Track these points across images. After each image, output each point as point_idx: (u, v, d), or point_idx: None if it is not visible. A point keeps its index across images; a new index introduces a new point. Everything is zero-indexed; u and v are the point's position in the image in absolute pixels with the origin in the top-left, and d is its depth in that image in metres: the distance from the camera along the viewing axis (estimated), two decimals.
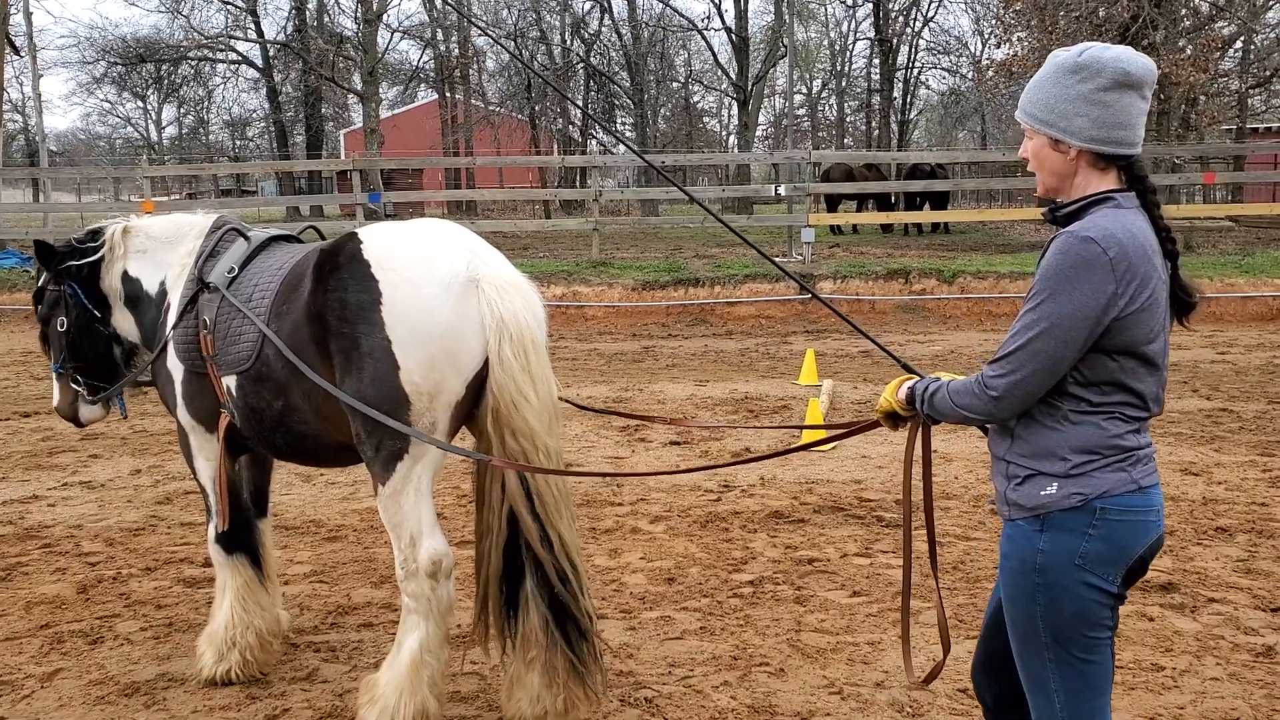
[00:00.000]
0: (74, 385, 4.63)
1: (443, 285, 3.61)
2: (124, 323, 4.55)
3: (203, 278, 4.15)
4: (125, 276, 4.46)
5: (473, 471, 3.96)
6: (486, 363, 3.64)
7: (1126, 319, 2.40)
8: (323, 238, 4.38)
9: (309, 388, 3.80)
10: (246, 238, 4.28)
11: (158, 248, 4.43)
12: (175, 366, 4.22)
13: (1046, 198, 2.64)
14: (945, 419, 2.65)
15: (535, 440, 3.65)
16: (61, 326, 4.51)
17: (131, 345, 4.64)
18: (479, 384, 3.68)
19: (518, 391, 3.61)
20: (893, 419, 2.87)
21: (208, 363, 4.07)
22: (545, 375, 3.71)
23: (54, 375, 4.69)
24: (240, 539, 4.38)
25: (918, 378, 2.79)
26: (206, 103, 55.24)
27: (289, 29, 40.94)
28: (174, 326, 4.18)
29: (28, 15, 26.11)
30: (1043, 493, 2.49)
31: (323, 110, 46.44)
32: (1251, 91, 28.88)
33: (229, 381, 4.01)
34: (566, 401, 4.09)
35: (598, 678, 3.78)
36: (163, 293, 4.38)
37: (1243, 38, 25.75)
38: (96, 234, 4.53)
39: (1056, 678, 2.54)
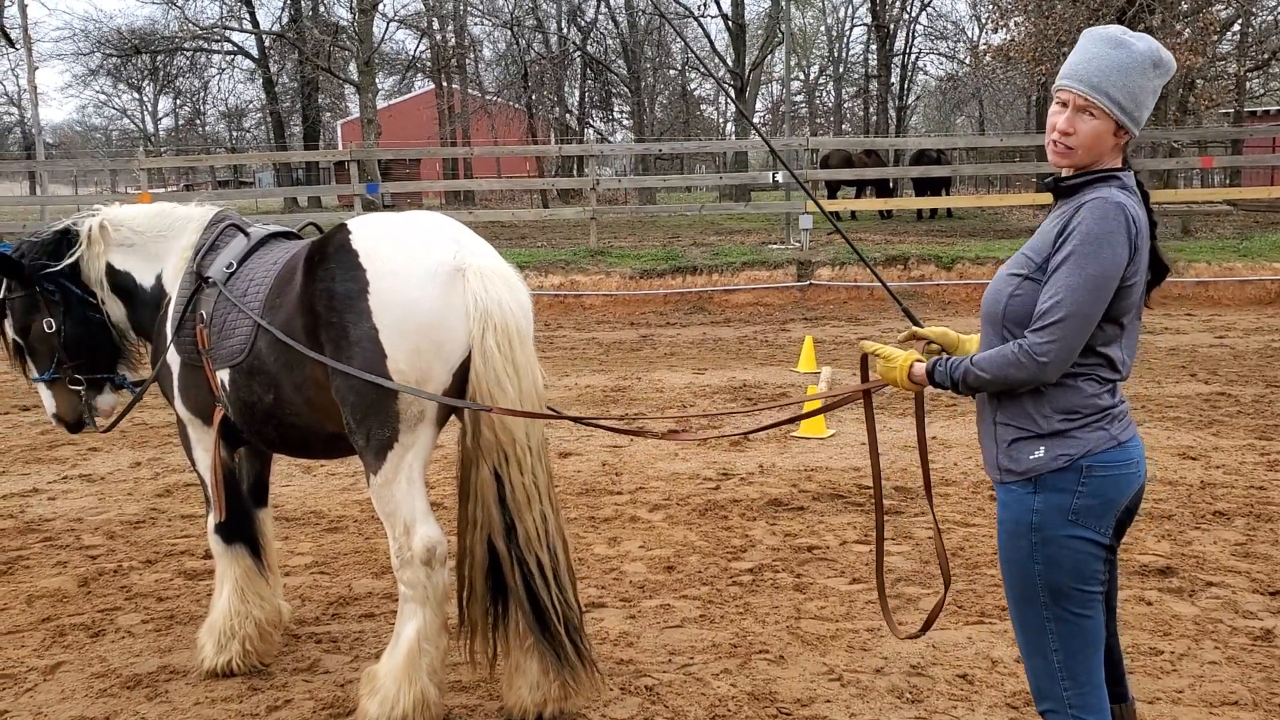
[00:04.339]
0: (73, 388, 4.48)
1: (429, 274, 3.62)
2: (115, 310, 4.51)
3: (201, 272, 4.16)
4: (111, 270, 4.42)
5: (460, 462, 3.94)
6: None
7: (1128, 287, 2.55)
8: (322, 234, 4.37)
9: (300, 380, 3.81)
10: (246, 234, 4.29)
11: (147, 241, 4.40)
12: (173, 359, 4.23)
13: (1074, 169, 2.67)
14: (984, 391, 2.73)
15: (514, 432, 3.64)
16: (50, 328, 4.40)
17: (123, 332, 4.56)
18: (465, 373, 3.68)
19: (497, 383, 3.60)
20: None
21: (203, 356, 4.08)
22: (529, 366, 3.69)
23: (41, 386, 4.50)
24: (239, 529, 4.39)
25: (927, 360, 2.86)
26: (202, 94, 55.29)
27: (284, 19, 40.86)
28: (176, 324, 4.17)
29: (23, 8, 26.04)
30: (1031, 456, 2.63)
31: (319, 100, 46.35)
32: (1249, 74, 28.81)
33: (222, 375, 4.03)
34: (550, 410, 4.05)
35: (585, 668, 3.76)
36: (160, 287, 4.37)
37: (1240, 20, 25.68)
38: (66, 233, 4.42)
39: (1055, 636, 2.66)
